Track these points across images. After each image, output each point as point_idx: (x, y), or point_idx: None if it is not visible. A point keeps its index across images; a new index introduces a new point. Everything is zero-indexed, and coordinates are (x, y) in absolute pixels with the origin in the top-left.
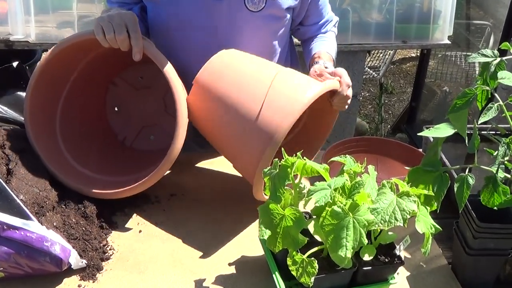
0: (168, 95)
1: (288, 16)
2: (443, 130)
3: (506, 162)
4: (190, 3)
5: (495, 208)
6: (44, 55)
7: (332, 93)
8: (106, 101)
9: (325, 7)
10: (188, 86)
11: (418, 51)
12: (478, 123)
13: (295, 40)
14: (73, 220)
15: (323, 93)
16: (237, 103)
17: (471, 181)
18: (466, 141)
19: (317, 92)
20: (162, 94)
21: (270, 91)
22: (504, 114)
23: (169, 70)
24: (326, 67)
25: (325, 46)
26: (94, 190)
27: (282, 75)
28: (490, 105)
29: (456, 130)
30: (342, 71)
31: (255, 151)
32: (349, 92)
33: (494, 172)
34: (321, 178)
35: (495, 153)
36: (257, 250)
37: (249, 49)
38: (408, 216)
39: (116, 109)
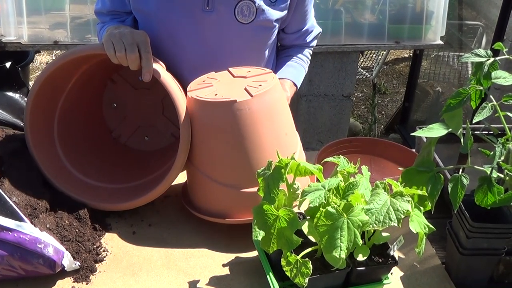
0: (166, 98)
1: (277, 26)
2: (436, 130)
3: (501, 162)
4: (180, 15)
5: (488, 207)
6: (47, 66)
7: None
8: (104, 97)
9: (307, 15)
10: None
11: (411, 52)
12: (473, 123)
13: None
14: (66, 222)
15: None
16: (264, 156)
17: (465, 181)
18: (462, 140)
19: None
20: (161, 97)
21: None
22: (497, 114)
23: (179, 97)
24: None
25: (292, 73)
26: (99, 204)
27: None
28: (484, 104)
29: (449, 130)
30: None
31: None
32: None
33: (488, 172)
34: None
35: (491, 153)
36: (251, 251)
37: (240, 59)
38: (402, 216)
39: (114, 105)
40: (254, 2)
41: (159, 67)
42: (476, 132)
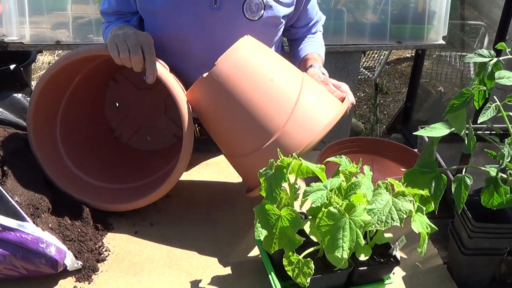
0: (169, 98)
1: (284, 22)
2: (438, 130)
3: (507, 163)
4: (187, 13)
5: (494, 208)
6: (50, 66)
7: None
8: (106, 96)
9: (314, 9)
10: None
11: (413, 52)
12: (478, 123)
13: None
14: (69, 221)
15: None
16: (262, 111)
17: (468, 181)
18: (466, 141)
19: (339, 114)
20: (164, 97)
21: (297, 105)
22: (500, 114)
23: (181, 96)
24: (323, 74)
25: (314, 47)
26: (101, 204)
27: (307, 87)
28: (488, 105)
29: (451, 129)
30: (346, 87)
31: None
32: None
33: (492, 172)
34: (317, 179)
35: (498, 154)
36: (253, 251)
37: None
38: (405, 216)
39: (117, 104)
40: None
41: (162, 67)
42: (478, 132)
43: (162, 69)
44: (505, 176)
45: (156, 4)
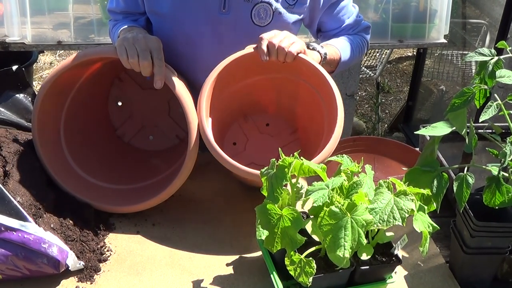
0: (173, 99)
1: (296, 29)
2: (440, 129)
3: (509, 161)
4: (195, 17)
5: (496, 207)
6: (58, 67)
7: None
8: (110, 94)
9: (341, 13)
10: (193, 97)
11: (415, 50)
12: (479, 122)
13: None
14: (71, 221)
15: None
16: None
17: (470, 180)
18: (467, 140)
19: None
20: (168, 98)
21: None
22: (502, 113)
23: (188, 102)
24: (314, 48)
25: (331, 41)
26: (103, 205)
27: None
28: (489, 103)
29: (453, 128)
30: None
31: None
32: (275, 41)
33: (493, 171)
34: (318, 178)
35: (500, 153)
36: (255, 251)
37: None
38: (407, 215)
39: (119, 103)
40: (271, 5)
41: (169, 71)
42: (479, 131)
43: (169, 73)
44: (507, 174)
45: (164, 7)
